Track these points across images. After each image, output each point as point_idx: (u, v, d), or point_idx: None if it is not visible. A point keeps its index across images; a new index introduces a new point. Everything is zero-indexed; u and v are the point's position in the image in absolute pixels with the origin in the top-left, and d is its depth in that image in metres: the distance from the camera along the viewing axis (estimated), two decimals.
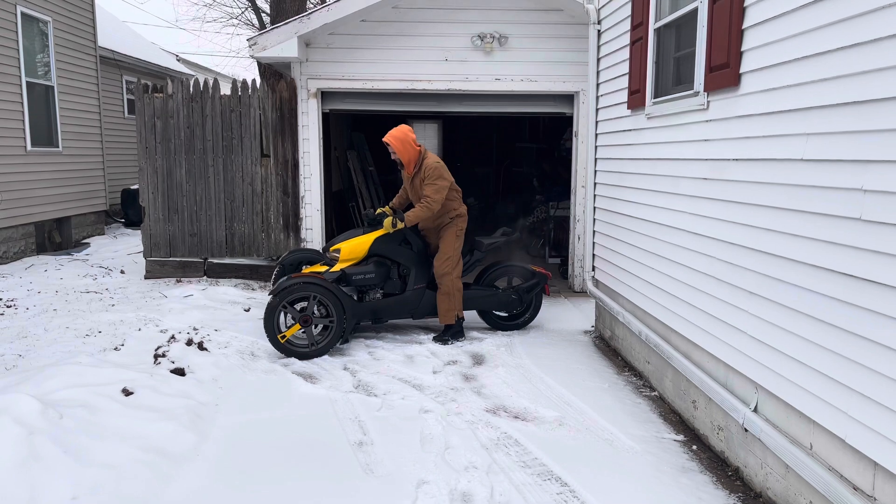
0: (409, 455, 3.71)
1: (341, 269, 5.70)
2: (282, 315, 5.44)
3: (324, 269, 5.76)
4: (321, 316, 5.48)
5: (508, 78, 7.66)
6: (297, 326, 5.43)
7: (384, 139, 5.77)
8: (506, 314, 6.33)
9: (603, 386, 4.88)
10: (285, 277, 5.71)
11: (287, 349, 5.40)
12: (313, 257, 6.70)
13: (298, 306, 5.49)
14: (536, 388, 4.77)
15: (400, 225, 5.68)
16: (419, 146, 5.83)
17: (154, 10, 37.22)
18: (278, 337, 5.37)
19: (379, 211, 5.96)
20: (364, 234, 5.87)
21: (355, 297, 5.83)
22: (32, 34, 9.82)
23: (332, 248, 5.86)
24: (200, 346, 5.31)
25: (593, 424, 4.15)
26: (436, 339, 5.84)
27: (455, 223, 5.87)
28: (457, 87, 7.71)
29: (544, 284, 6.25)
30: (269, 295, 5.51)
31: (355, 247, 5.80)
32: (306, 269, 5.96)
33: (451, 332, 5.86)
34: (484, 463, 3.61)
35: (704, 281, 3.84)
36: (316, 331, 5.50)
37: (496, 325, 6.30)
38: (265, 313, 5.37)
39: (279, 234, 8.14)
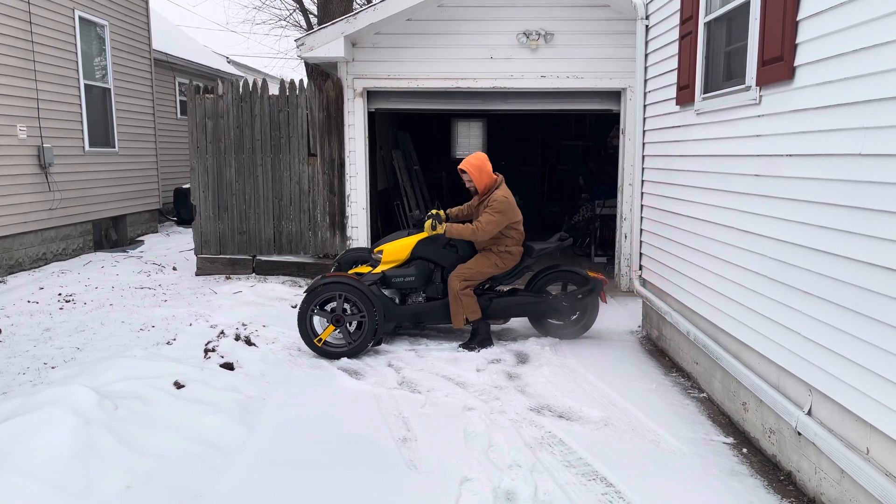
0: (452, 452, 3.72)
1: (382, 272, 5.65)
2: (315, 318, 5.42)
3: (367, 269, 5.75)
4: (353, 314, 5.41)
5: (554, 75, 7.60)
6: (332, 327, 5.38)
7: (461, 167, 5.59)
8: (559, 321, 5.98)
9: (650, 386, 4.81)
10: (319, 277, 5.67)
11: (325, 351, 5.36)
12: (367, 256, 6.51)
13: (329, 307, 5.45)
14: (581, 388, 4.72)
15: (440, 229, 5.51)
16: (497, 175, 5.70)
17: (206, 14, 38.14)
18: (315, 341, 5.34)
19: (435, 212, 5.71)
20: (409, 235, 5.79)
21: (397, 300, 5.76)
22: (90, 38, 10.15)
23: (375, 249, 5.80)
24: (248, 342, 5.42)
25: (640, 425, 4.09)
26: (462, 346, 5.64)
27: (500, 255, 5.62)
28: (502, 85, 7.69)
29: (600, 291, 5.89)
30: (304, 293, 5.50)
31: (398, 248, 5.72)
32: (354, 270, 5.94)
33: (476, 340, 5.64)
34: (528, 462, 3.59)
35: (756, 280, 3.74)
36: (352, 328, 5.44)
37: (548, 332, 5.94)
38: (297, 319, 5.35)
39: (325, 232, 8.24)
